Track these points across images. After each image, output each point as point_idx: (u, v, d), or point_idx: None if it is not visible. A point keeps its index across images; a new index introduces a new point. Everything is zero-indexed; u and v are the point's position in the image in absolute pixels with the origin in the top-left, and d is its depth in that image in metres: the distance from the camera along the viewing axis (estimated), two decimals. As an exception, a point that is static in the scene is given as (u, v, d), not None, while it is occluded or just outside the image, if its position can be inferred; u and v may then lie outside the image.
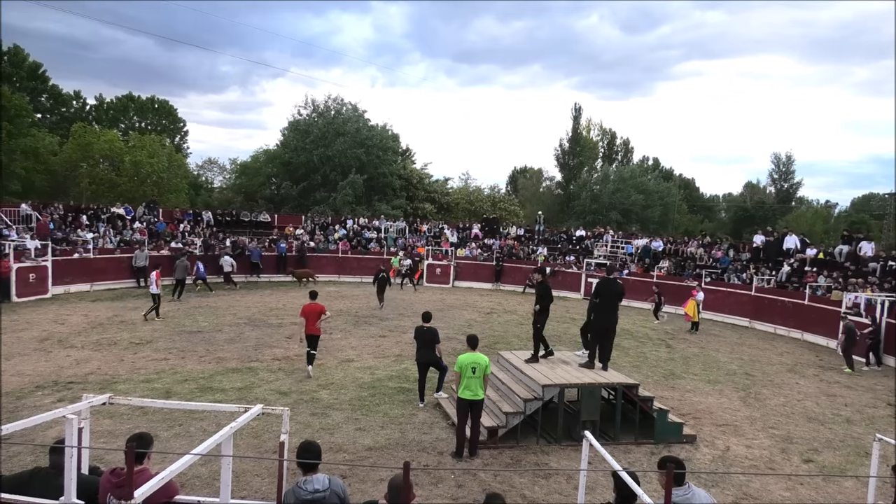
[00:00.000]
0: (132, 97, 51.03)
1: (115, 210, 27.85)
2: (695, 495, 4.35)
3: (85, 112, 48.58)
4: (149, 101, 51.70)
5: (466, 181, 57.42)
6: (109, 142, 38.31)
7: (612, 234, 32.75)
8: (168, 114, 52.84)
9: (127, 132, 45.93)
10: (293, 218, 34.32)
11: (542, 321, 10.49)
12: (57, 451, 4.63)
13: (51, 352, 13.01)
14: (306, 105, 46.21)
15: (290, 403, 9.70)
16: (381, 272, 21.39)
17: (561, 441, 8.92)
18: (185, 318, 17.44)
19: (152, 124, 51.02)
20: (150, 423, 8.58)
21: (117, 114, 50.24)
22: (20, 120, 34.51)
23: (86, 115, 47.73)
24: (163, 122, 52.13)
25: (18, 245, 20.30)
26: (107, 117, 49.17)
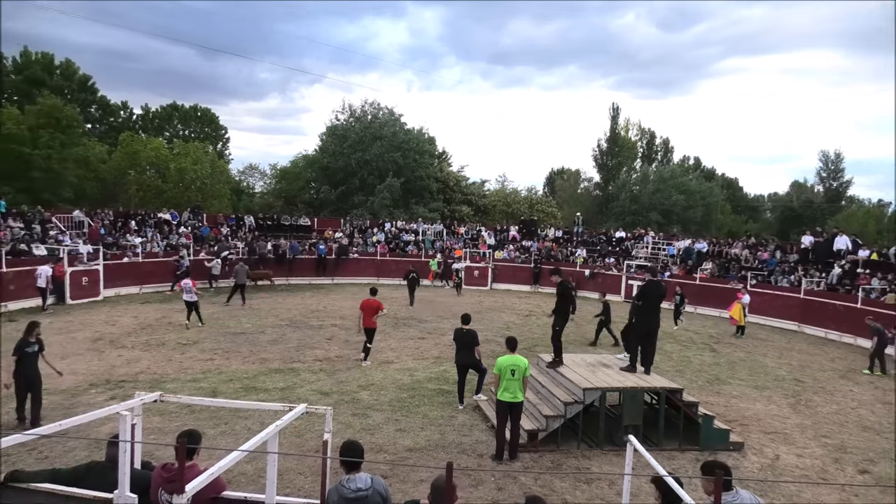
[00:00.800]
0: (176, 106, 52.54)
1: (162, 215, 28.72)
2: (741, 498, 4.24)
3: (132, 121, 50.23)
4: (192, 109, 53.15)
5: (503, 183, 57.27)
6: (155, 149, 39.50)
7: (653, 235, 32.17)
8: (210, 121, 54.21)
9: (172, 140, 47.26)
10: (332, 221, 34.78)
11: (562, 324, 10.35)
12: (114, 445, 4.79)
13: (103, 352, 13.48)
14: (344, 110, 46.86)
15: (332, 404, 9.81)
16: (410, 272, 22.93)
17: (602, 446, 8.79)
18: (229, 320, 17.84)
19: (195, 132, 52.42)
20: (197, 420, 8.80)
21: (162, 122, 51.79)
22: (72, 130, 35.85)
23: (133, 125, 49.33)
24: (205, 129, 53.51)
25: (72, 250, 21.14)
26: (152, 126, 50.73)
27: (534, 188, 59.34)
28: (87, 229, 24.61)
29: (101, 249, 21.93)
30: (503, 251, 31.35)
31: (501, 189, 55.11)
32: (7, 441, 4.34)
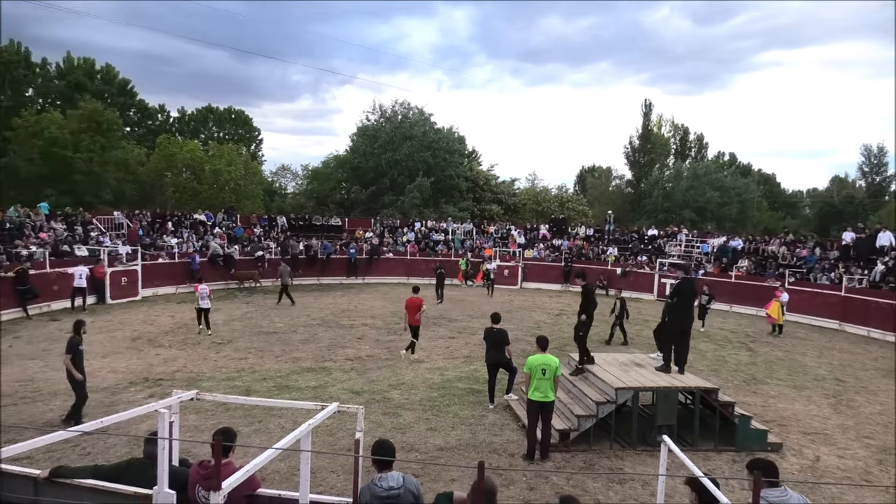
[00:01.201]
0: (211, 108, 53.60)
1: (197, 216, 29.33)
2: (791, 497, 4.15)
3: (169, 124, 51.43)
4: (226, 111, 54.15)
5: (533, 181, 56.90)
6: (191, 151, 40.34)
7: (687, 232, 31.60)
8: (244, 123, 55.15)
9: (206, 142, 48.20)
10: (363, 221, 35.06)
11: (586, 330, 10.28)
12: (151, 442, 4.92)
13: (142, 350, 13.84)
14: (374, 110, 47.12)
15: (363, 403, 9.89)
16: (438, 268, 24.00)
17: (636, 446, 8.68)
18: (261, 320, 18.13)
19: (229, 134, 53.39)
20: (231, 418, 8.97)
21: (198, 125, 52.88)
22: (112, 134, 36.89)
23: (169, 127, 50.51)
24: (239, 131, 54.45)
25: (112, 251, 21.74)
26: (188, 128, 51.85)
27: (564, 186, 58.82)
28: (126, 230, 25.29)
29: (140, 250, 22.52)
30: (533, 250, 31.17)
31: (531, 187, 54.78)
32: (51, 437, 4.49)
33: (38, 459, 6.67)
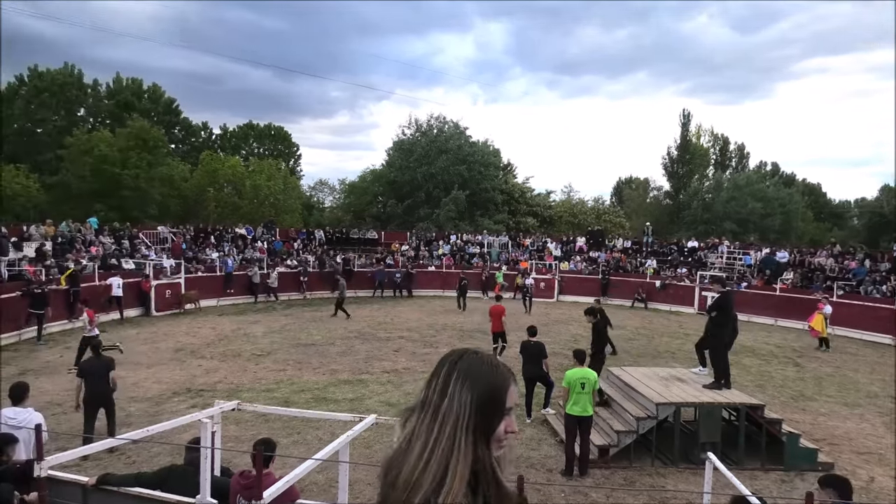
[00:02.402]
0: (252, 125, 54.93)
1: (238, 230, 30.01)
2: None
3: (211, 141, 52.89)
4: (266, 128, 55.41)
5: (569, 194, 56.43)
6: (232, 167, 41.39)
7: (728, 244, 30.85)
8: (283, 139, 56.33)
9: (247, 158, 49.40)
10: (399, 235, 35.31)
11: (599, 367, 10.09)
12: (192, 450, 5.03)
13: (184, 361, 14.16)
14: (410, 125, 47.61)
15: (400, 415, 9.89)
16: (462, 280, 24.80)
17: (678, 463, 8.45)
18: (300, 332, 18.36)
19: (269, 149, 54.58)
20: (271, 429, 9.07)
21: (239, 141, 54.23)
22: (157, 151, 38.15)
23: (212, 144, 51.93)
24: (279, 147, 55.62)
25: (157, 264, 22.39)
26: (230, 145, 53.21)
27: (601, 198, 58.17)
28: (170, 244, 26.02)
29: (183, 263, 23.13)
30: (570, 262, 30.86)
31: (567, 200, 54.36)
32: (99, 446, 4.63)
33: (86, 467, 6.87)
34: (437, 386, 1.29)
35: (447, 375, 1.29)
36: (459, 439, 1.20)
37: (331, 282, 27.02)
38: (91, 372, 8.59)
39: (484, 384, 1.26)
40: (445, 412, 1.23)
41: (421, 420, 1.26)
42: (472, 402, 1.24)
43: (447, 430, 1.22)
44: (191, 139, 51.42)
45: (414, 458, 1.20)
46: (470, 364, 1.31)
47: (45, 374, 12.86)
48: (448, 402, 1.25)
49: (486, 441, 1.25)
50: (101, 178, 35.00)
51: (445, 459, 1.19)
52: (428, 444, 1.21)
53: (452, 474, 1.16)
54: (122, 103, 43.39)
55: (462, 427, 1.21)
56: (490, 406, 1.26)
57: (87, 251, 21.77)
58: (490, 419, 1.25)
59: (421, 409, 1.28)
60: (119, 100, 43.58)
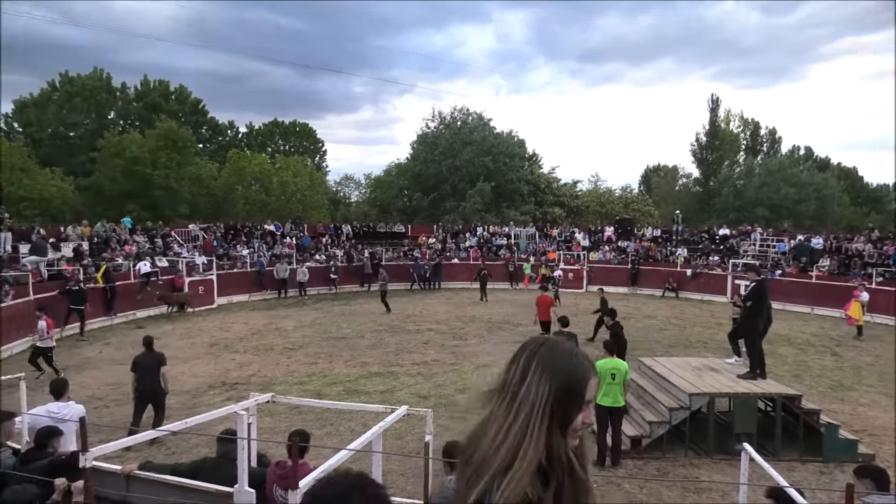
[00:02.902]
0: (277, 123, 55.46)
1: (267, 227, 30.40)
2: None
3: (238, 139, 53.58)
4: (291, 125, 55.90)
5: (596, 183, 55.78)
6: (259, 165, 41.86)
7: (761, 231, 30.21)
8: (308, 136, 56.78)
9: (273, 155, 49.87)
10: (425, 228, 35.36)
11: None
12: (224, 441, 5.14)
13: (219, 356, 14.45)
14: (434, 118, 47.52)
15: (430, 407, 9.94)
16: (482, 270, 25.16)
17: (712, 454, 8.34)
18: (330, 326, 18.56)
19: (295, 146, 55.06)
20: (304, 421, 9.20)
21: (265, 139, 54.82)
22: (186, 150, 38.79)
23: (238, 142, 52.59)
24: (304, 143, 56.08)
25: (189, 261, 22.84)
26: (256, 143, 53.82)
27: (628, 187, 57.40)
28: (201, 242, 26.49)
29: (215, 260, 23.54)
30: (598, 252, 30.57)
31: (594, 189, 53.77)
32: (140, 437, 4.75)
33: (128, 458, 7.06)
34: (517, 372, 1.33)
35: (527, 363, 1.33)
36: (533, 426, 1.25)
37: (359, 276, 27.29)
38: (142, 366, 8.83)
39: (563, 375, 1.30)
40: (522, 398, 1.28)
41: (498, 404, 1.32)
42: (549, 392, 1.28)
43: (522, 416, 1.26)
44: (218, 138, 52.14)
45: (488, 440, 1.26)
46: (550, 353, 1.34)
47: (86, 369, 13.24)
48: (526, 388, 1.29)
49: (562, 431, 1.28)
50: (132, 179, 35.75)
51: (517, 443, 1.23)
52: (502, 428, 1.26)
53: (521, 458, 1.21)
54: (151, 105, 44.19)
55: (537, 414, 1.25)
56: (568, 397, 1.29)
57: (122, 250, 22.30)
58: (567, 409, 1.29)
59: (500, 393, 1.33)
60: (147, 102, 44.38)
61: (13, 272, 17.37)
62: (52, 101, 40.67)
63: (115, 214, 30.44)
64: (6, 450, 4.92)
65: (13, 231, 20.62)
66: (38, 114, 40.32)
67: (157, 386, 8.85)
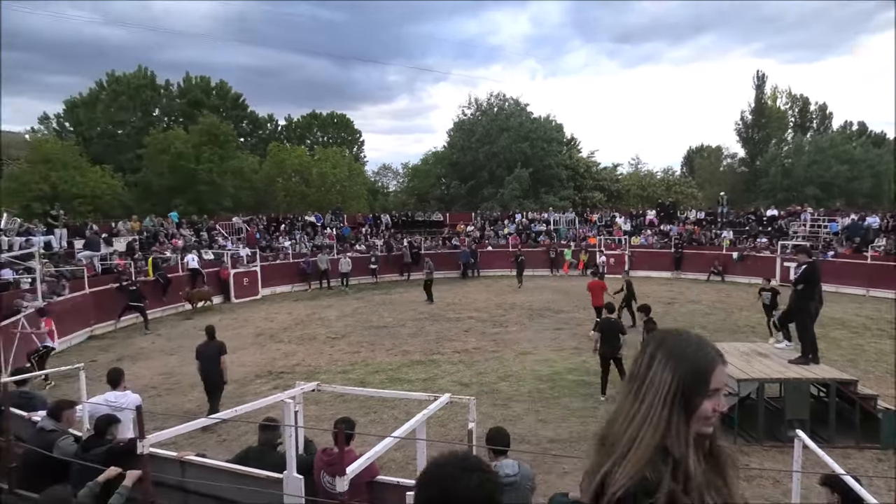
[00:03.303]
0: (315, 114, 56.04)
1: (308, 218, 30.87)
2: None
3: (277, 132, 54.37)
4: (329, 116, 56.41)
5: (637, 166, 54.66)
6: (299, 157, 42.41)
7: (811, 211, 29.13)
8: (346, 126, 57.22)
9: (312, 147, 50.46)
10: (464, 216, 35.34)
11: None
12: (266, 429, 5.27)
13: (264, 345, 14.79)
14: (469, 105, 47.28)
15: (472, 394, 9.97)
16: (518, 256, 25.30)
17: (762, 441, 8.14)
18: (371, 315, 18.77)
19: (333, 138, 55.58)
20: (348, 409, 9.35)
21: (303, 131, 55.47)
22: (228, 145, 39.59)
23: (278, 135, 53.36)
24: (342, 134, 56.56)
25: (234, 253, 23.40)
26: (295, 135, 54.51)
27: (670, 169, 56.07)
28: (244, 234, 27.08)
29: (258, 252, 24.06)
30: (640, 237, 30.03)
31: (635, 172, 52.73)
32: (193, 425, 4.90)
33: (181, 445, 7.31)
34: (643, 362, 1.39)
35: (653, 353, 1.38)
36: (654, 412, 1.31)
37: (398, 265, 27.48)
38: (204, 355, 9.30)
39: (687, 364, 1.34)
40: (647, 387, 1.34)
41: (627, 393, 1.39)
42: (673, 380, 1.33)
43: (645, 404, 1.33)
44: (258, 132, 53.00)
45: (616, 427, 1.35)
46: (675, 344, 1.38)
47: (140, 359, 13.75)
48: (650, 377, 1.35)
49: (687, 418, 1.32)
50: (178, 174, 36.69)
51: (638, 429, 1.30)
52: (628, 415, 1.34)
53: (638, 442, 1.28)
54: (193, 101, 45.18)
55: (659, 401, 1.31)
56: (692, 385, 1.33)
57: (170, 244, 22.99)
58: (692, 398, 1.33)
59: (629, 382, 1.41)
60: (190, 98, 45.40)
61: (69, 267, 18.13)
62: (100, 101, 41.99)
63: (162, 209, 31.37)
64: (68, 437, 5.16)
65: (68, 227, 21.50)
66: (87, 113, 41.70)
67: (216, 374, 9.28)
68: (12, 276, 15.99)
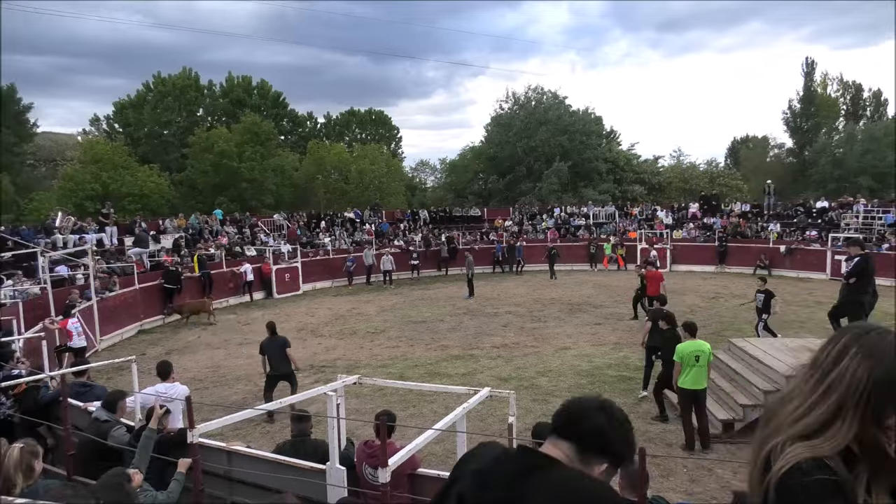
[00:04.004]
0: (353, 112, 56.57)
1: (347, 215, 31.24)
2: None
3: (317, 130, 55.10)
4: (367, 113, 56.87)
5: (678, 158, 53.44)
6: (338, 154, 42.94)
7: (864, 202, 28.01)
8: (384, 123, 57.60)
9: (351, 144, 51.00)
10: (502, 211, 35.22)
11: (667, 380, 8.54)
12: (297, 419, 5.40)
13: (306, 340, 15.06)
14: (507, 99, 46.98)
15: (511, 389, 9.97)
16: (551, 250, 25.54)
17: (812, 439, 7.89)
18: (410, 310, 18.90)
19: (371, 134, 56.04)
20: (388, 403, 9.45)
21: (342, 128, 56.07)
22: (269, 143, 40.37)
23: (317, 133, 54.09)
24: (380, 131, 56.95)
25: (275, 249, 23.87)
26: (334, 132, 55.15)
27: (714, 160, 54.62)
28: (286, 231, 27.59)
29: (299, 248, 24.48)
30: (682, 230, 29.41)
31: (677, 164, 51.57)
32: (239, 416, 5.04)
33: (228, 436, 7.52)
34: (832, 353, 1.30)
35: (845, 346, 1.29)
36: (846, 410, 1.23)
37: (436, 260, 27.54)
38: (269, 350, 9.81)
39: (886, 366, 1.23)
40: (834, 380, 1.26)
41: (806, 379, 1.32)
42: (867, 381, 1.23)
43: (833, 397, 1.25)
44: (298, 130, 53.78)
45: (789, 409, 1.30)
46: (876, 342, 1.28)
47: (187, 353, 14.17)
48: (839, 371, 1.26)
49: (876, 422, 1.23)
50: (221, 173, 37.60)
51: (821, 422, 1.24)
52: (805, 404, 1.28)
53: (828, 437, 1.22)
54: (235, 100, 46.15)
55: (852, 399, 1.23)
56: (886, 390, 1.22)
57: (215, 240, 23.60)
58: (883, 403, 1.22)
59: (809, 369, 1.34)
60: (232, 98, 46.39)
61: (120, 263, 18.79)
62: (147, 102, 43.30)
63: (206, 207, 32.24)
64: (121, 427, 5.37)
65: (118, 225, 22.29)
66: (135, 114, 43.05)
67: (286, 366, 9.76)
68: (67, 273, 16.68)
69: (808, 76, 53.56)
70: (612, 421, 1.55)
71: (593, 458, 1.48)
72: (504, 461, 1.43)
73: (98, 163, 33.41)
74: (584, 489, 1.36)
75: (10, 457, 3.32)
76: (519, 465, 1.40)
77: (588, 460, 1.47)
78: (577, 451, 1.48)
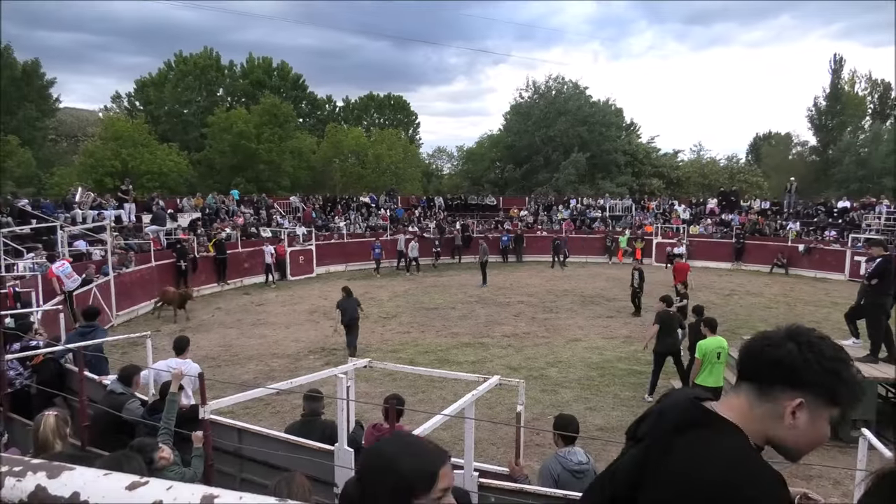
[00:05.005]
0: (372, 96, 56.45)
1: (363, 199, 31.28)
2: None
3: (335, 113, 55.10)
4: (386, 98, 56.72)
5: (699, 153, 52.76)
6: (355, 138, 42.94)
7: (888, 203, 27.51)
8: (402, 108, 57.43)
9: (369, 128, 50.97)
10: (517, 200, 35.07)
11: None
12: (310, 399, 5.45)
13: (318, 322, 15.17)
14: (527, 88, 46.60)
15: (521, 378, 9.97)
16: (555, 241, 26.16)
17: (824, 440, 7.81)
18: (422, 296, 18.94)
19: (389, 119, 55.94)
20: (397, 388, 9.47)
21: (360, 112, 56.01)
22: (287, 125, 40.44)
23: (336, 116, 54.10)
24: (398, 116, 56.82)
25: (290, 232, 23.99)
26: (352, 116, 55.11)
27: (735, 156, 53.87)
28: (301, 213, 27.71)
29: (314, 231, 24.59)
30: (699, 226, 29.11)
31: (697, 159, 50.98)
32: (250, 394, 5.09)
33: (238, 414, 7.61)
34: None
35: None
36: None
37: (450, 247, 27.51)
38: (346, 306, 12.16)
39: None
40: None
41: None
42: None
43: None
44: (316, 112, 53.80)
45: None
46: None
47: (201, 331, 14.32)
48: None
49: None
50: (239, 153, 37.77)
51: None
52: None
53: None
54: (255, 82, 46.26)
55: None
56: None
57: (231, 220, 23.76)
58: None
59: None
60: (252, 79, 46.49)
61: (137, 240, 19.00)
62: (168, 81, 43.52)
63: (223, 187, 32.40)
64: (135, 400, 5.45)
65: (137, 202, 22.51)
66: (156, 92, 43.30)
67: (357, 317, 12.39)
68: (85, 248, 16.90)
69: (836, 73, 52.52)
70: (804, 348, 1.27)
71: (781, 396, 1.24)
72: (674, 411, 1.31)
73: (118, 140, 33.66)
74: (716, 463, 1.16)
75: (45, 423, 3.47)
76: (681, 419, 1.28)
77: (774, 399, 1.25)
78: (757, 392, 1.27)
